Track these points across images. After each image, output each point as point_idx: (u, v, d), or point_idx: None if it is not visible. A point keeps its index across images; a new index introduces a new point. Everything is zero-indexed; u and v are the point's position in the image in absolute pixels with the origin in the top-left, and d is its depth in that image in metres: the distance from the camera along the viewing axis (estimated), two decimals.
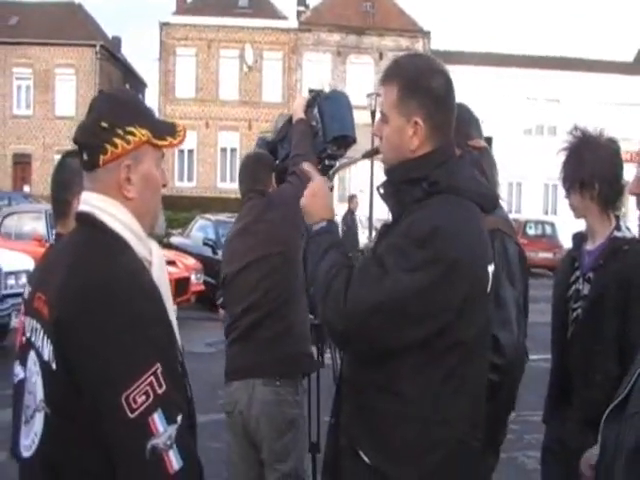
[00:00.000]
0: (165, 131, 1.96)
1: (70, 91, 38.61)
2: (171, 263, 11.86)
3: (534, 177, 35.71)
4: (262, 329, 3.48)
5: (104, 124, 1.85)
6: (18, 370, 1.92)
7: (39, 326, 1.83)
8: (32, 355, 1.84)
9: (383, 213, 17.63)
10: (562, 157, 3.07)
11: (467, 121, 2.94)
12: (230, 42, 37.85)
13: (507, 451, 4.96)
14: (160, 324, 1.78)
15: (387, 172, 2.32)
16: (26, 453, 1.84)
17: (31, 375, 1.84)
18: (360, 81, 36.01)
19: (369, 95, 27.79)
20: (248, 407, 3.48)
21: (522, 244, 3.07)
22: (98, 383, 1.68)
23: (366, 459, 2.14)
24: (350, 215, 18.38)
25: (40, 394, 1.80)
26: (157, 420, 1.65)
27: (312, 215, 2.34)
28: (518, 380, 2.76)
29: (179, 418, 1.69)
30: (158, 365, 1.68)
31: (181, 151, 35.63)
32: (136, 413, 1.64)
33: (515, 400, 2.81)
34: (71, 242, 1.94)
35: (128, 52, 49.61)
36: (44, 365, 1.78)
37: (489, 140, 2.98)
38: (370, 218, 24.98)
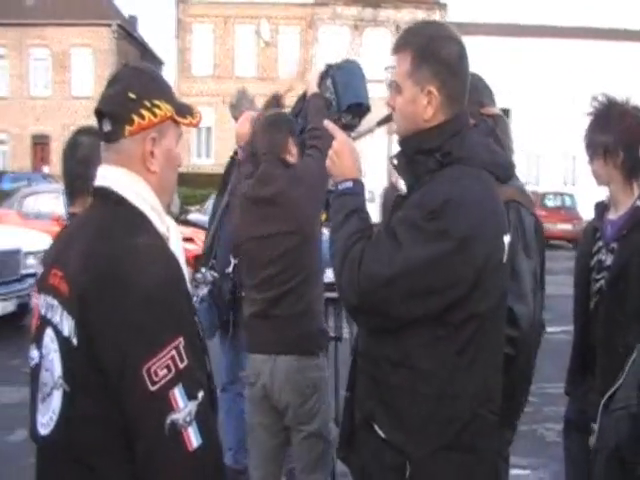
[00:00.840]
0: (186, 109, 1.96)
1: (87, 71, 38.68)
2: (188, 240, 11.91)
3: (553, 149, 35.47)
4: (281, 307, 3.49)
5: (132, 95, 1.84)
6: (34, 354, 1.89)
7: (56, 302, 1.80)
8: (49, 332, 1.82)
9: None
10: (586, 123, 3.01)
11: (480, 89, 2.90)
12: (246, 18, 37.67)
13: (526, 423, 5.00)
14: (182, 298, 1.77)
15: (400, 143, 2.27)
16: (43, 431, 1.82)
17: (48, 352, 1.82)
18: (377, 54, 35.74)
19: (386, 68, 27.46)
20: (271, 378, 3.50)
21: (541, 216, 3.03)
22: (120, 355, 1.65)
23: (381, 433, 2.13)
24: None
25: (58, 371, 1.78)
26: (177, 395, 1.63)
27: (337, 174, 2.30)
28: (534, 353, 2.73)
29: (200, 394, 1.67)
30: (181, 339, 1.66)
31: (199, 128, 35.64)
32: (157, 386, 1.62)
33: (532, 374, 2.78)
34: (90, 217, 1.92)
35: (145, 31, 49.55)
36: (64, 341, 1.76)
37: (507, 112, 2.94)
38: None
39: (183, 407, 1.63)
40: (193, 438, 1.64)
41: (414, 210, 2.06)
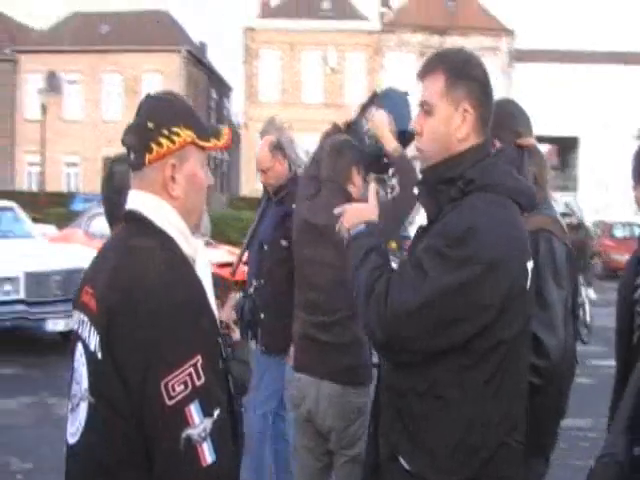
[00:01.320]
0: (210, 133, 2.00)
1: None
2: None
3: (623, 177, 34.87)
4: (328, 334, 3.48)
5: (150, 124, 1.91)
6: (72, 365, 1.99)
7: (86, 319, 1.89)
8: (79, 347, 1.91)
9: None
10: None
11: (517, 117, 2.89)
12: (313, 44, 38.12)
13: (581, 459, 4.92)
14: (202, 316, 1.83)
15: (423, 172, 2.26)
16: (71, 440, 1.92)
17: (78, 366, 1.90)
18: None
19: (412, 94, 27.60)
20: (316, 402, 3.49)
21: (609, 246, 3.06)
22: (140, 369, 1.72)
23: (406, 465, 2.12)
24: None
25: (85, 384, 1.86)
26: (193, 411, 1.69)
27: (351, 221, 2.34)
28: (566, 384, 2.69)
29: (216, 412, 1.73)
30: (199, 357, 1.73)
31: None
32: (174, 401, 1.69)
33: (565, 405, 2.73)
34: (118, 238, 2.02)
35: (214, 57, 50.49)
36: (90, 355, 1.84)
37: (575, 140, 2.89)
38: None
39: (199, 423, 1.69)
40: (207, 454, 1.69)
41: (438, 239, 2.05)
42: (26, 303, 9.57)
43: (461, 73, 2.14)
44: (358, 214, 2.35)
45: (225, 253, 12.21)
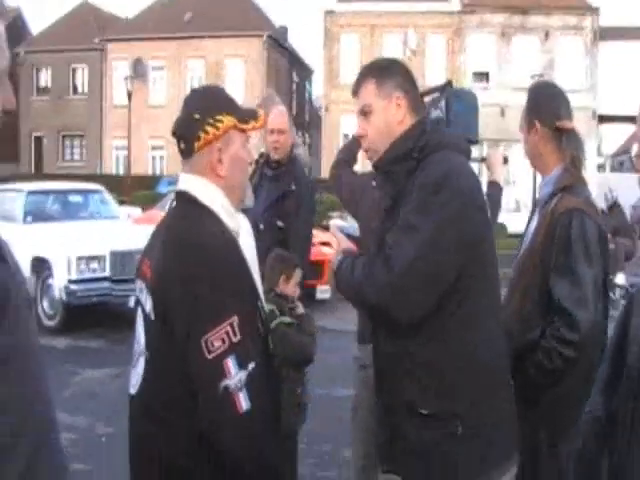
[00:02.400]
0: (249, 116, 2.24)
1: (239, 81, 39.98)
2: (325, 244, 12.06)
3: None
4: None
5: (196, 115, 2.16)
6: None
7: (144, 286, 2.13)
8: (139, 311, 2.16)
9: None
10: None
11: (556, 100, 3.05)
12: (393, 27, 37.90)
13: None
14: (240, 281, 2.05)
15: (374, 165, 2.49)
16: (132, 390, 2.16)
17: (138, 327, 2.16)
18: (525, 62, 35.14)
19: (533, 76, 27.15)
20: None
21: None
22: (185, 327, 1.96)
23: (423, 411, 2.24)
24: None
25: (142, 341, 2.13)
26: (230, 364, 1.91)
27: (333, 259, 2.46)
28: (595, 359, 2.71)
29: (250, 365, 1.94)
30: (235, 317, 1.94)
31: (345, 135, 36.12)
32: (213, 355, 1.91)
33: (594, 375, 2.75)
34: (170, 215, 2.24)
35: (295, 40, 50.61)
36: (146, 317, 2.10)
37: None
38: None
39: (235, 374, 1.91)
40: (243, 402, 1.91)
41: (418, 194, 2.23)
42: (111, 280, 10.06)
43: (385, 72, 2.45)
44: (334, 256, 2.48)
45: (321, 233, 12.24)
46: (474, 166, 3.13)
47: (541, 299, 2.79)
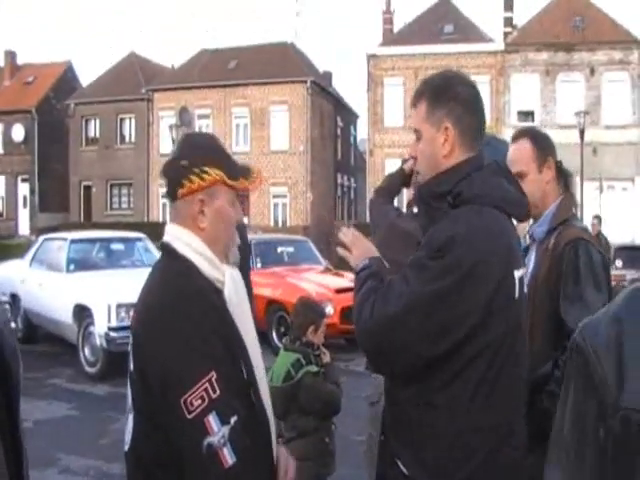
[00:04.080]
0: (239, 173, 2.20)
1: (283, 126, 40.31)
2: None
3: None
4: None
5: (183, 162, 2.13)
6: None
7: (131, 339, 2.13)
8: (129, 365, 2.13)
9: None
10: None
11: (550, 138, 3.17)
12: (437, 69, 37.06)
13: None
14: (216, 337, 2.00)
15: (418, 190, 2.41)
16: (125, 447, 2.15)
17: (127, 382, 2.15)
18: (570, 99, 34.85)
19: (577, 113, 26.89)
20: None
21: None
22: (162, 387, 1.94)
23: (404, 470, 2.18)
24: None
25: (130, 397, 2.12)
26: (212, 421, 1.89)
27: (355, 260, 2.41)
28: None
29: (233, 419, 1.91)
30: (213, 373, 1.92)
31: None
32: (193, 414, 1.89)
33: None
34: (154, 268, 2.24)
35: (339, 85, 50.93)
36: (130, 374, 2.11)
37: None
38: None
39: (217, 431, 1.89)
40: (228, 457, 1.89)
41: (421, 251, 2.16)
42: None
43: (440, 95, 2.30)
44: (361, 251, 2.43)
45: (346, 280, 12.32)
46: None
47: (551, 332, 2.77)
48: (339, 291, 12.04)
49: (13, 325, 12.18)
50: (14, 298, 12.91)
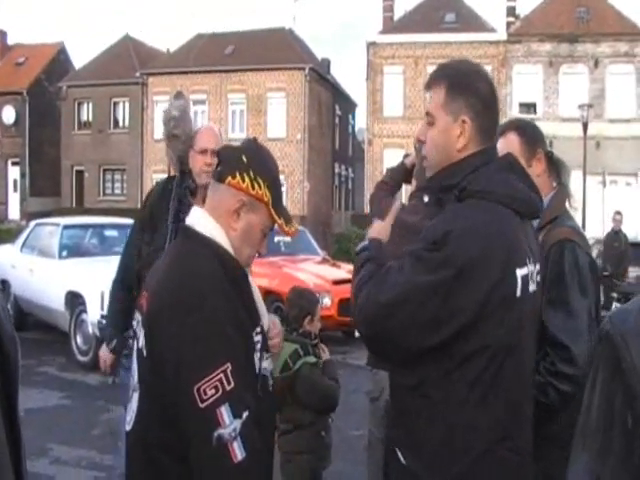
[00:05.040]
0: (283, 213, 2.21)
1: (281, 114, 39.93)
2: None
3: None
4: None
5: (244, 158, 2.14)
6: None
7: (140, 318, 2.11)
8: (135, 343, 2.12)
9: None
10: None
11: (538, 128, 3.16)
12: (437, 58, 37.28)
13: None
14: (232, 327, 1.96)
15: (429, 180, 2.37)
16: (127, 427, 2.13)
17: (133, 360, 2.12)
18: (573, 92, 34.46)
19: (581, 106, 26.44)
20: None
21: None
22: (175, 372, 1.91)
23: (402, 459, 2.19)
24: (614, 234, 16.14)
25: (136, 376, 2.09)
26: (224, 413, 1.86)
27: (371, 232, 2.48)
28: None
29: (245, 414, 1.88)
30: (229, 365, 1.89)
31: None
32: (206, 403, 1.86)
33: None
34: (172, 249, 2.25)
35: (337, 73, 50.56)
36: (139, 351, 2.07)
37: None
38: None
39: (229, 424, 1.85)
40: (237, 452, 1.85)
41: (419, 242, 2.12)
42: None
43: (461, 86, 2.24)
44: (374, 230, 2.48)
45: (343, 272, 12.27)
46: None
47: None
48: (337, 282, 11.89)
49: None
50: (4, 284, 12.75)
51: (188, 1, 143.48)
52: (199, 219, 2.15)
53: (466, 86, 2.24)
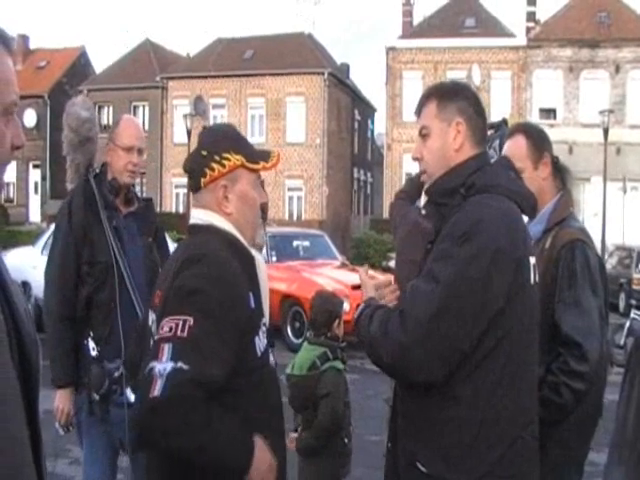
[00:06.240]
0: (259, 156, 2.31)
1: (300, 118, 39.92)
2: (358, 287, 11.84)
3: None
4: None
5: (204, 152, 2.25)
6: None
7: (155, 317, 2.22)
8: (151, 341, 2.21)
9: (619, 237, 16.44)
10: None
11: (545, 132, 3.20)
12: (457, 63, 37.26)
13: None
14: (229, 307, 2.05)
15: (427, 191, 2.42)
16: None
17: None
18: (593, 97, 34.22)
19: (601, 112, 26.26)
20: None
21: None
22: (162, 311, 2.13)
23: (423, 469, 2.16)
24: None
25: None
26: (165, 350, 1.96)
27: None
28: (603, 386, 2.85)
29: (180, 364, 1.93)
30: (190, 319, 1.99)
31: (408, 174, 35.56)
32: (159, 336, 2.02)
33: (602, 405, 2.89)
34: (182, 245, 2.32)
35: (357, 78, 50.53)
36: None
37: None
38: (603, 241, 23.26)
39: (164, 361, 1.94)
40: (157, 388, 1.91)
41: (444, 243, 2.13)
42: None
43: (450, 94, 2.37)
44: (361, 298, 2.50)
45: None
46: None
47: (543, 336, 2.61)
48: (355, 287, 11.68)
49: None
50: (25, 286, 12.75)
51: (208, 6, 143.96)
52: (201, 215, 2.28)
53: (455, 94, 2.36)
